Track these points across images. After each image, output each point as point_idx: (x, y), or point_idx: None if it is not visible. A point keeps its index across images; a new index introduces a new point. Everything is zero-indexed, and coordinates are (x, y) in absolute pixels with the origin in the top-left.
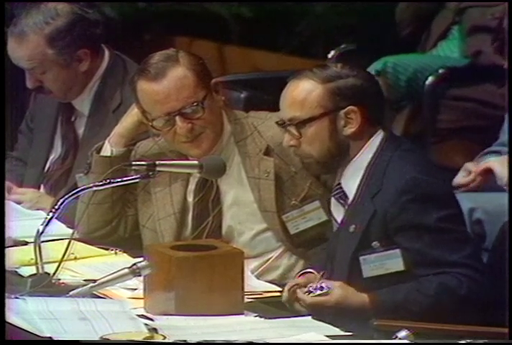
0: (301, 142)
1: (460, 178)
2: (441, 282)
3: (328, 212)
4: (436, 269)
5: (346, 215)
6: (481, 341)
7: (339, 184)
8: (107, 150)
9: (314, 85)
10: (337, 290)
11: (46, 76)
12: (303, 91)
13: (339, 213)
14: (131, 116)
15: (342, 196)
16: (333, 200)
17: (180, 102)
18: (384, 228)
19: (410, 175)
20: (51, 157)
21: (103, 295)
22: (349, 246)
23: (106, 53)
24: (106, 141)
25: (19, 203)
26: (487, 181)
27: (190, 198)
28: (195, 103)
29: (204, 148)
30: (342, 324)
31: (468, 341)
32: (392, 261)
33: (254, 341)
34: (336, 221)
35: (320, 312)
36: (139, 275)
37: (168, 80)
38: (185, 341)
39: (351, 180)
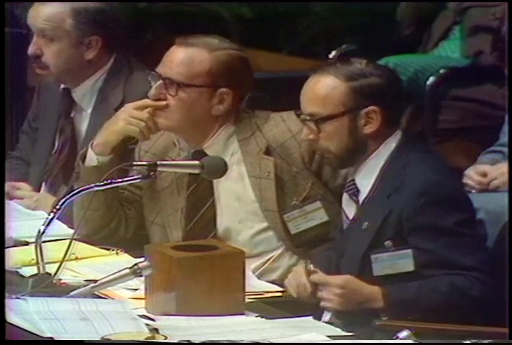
0: (320, 137)
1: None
2: (453, 282)
3: (339, 208)
4: (448, 271)
5: (359, 211)
6: (485, 341)
7: (353, 180)
8: (93, 159)
9: (337, 83)
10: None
11: (50, 46)
12: (326, 87)
13: (350, 209)
14: (115, 133)
15: (355, 192)
16: (345, 196)
17: (173, 71)
18: (398, 228)
19: (430, 176)
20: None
21: (105, 295)
22: (361, 243)
23: (114, 53)
24: (90, 149)
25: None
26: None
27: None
28: (179, 81)
29: (166, 121)
30: (344, 323)
31: (473, 341)
32: (403, 261)
33: (255, 342)
34: (347, 217)
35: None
36: (140, 275)
37: (185, 53)
38: (188, 341)
39: (366, 178)
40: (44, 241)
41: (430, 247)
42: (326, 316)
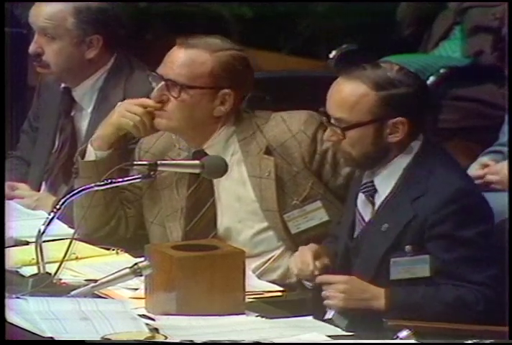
0: (342, 141)
1: (474, 170)
2: (459, 294)
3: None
4: (456, 282)
5: (378, 213)
6: (487, 341)
7: (372, 182)
8: (91, 154)
9: (366, 90)
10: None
11: (51, 45)
12: (355, 95)
13: (366, 211)
14: (110, 125)
15: (372, 194)
16: (361, 197)
17: (174, 73)
18: (420, 234)
19: (457, 184)
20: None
21: (105, 294)
22: (379, 245)
23: (115, 53)
24: (89, 145)
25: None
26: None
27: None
28: (181, 83)
29: (167, 122)
30: (347, 321)
31: (475, 341)
32: (420, 267)
33: (256, 341)
34: (363, 219)
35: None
36: (141, 275)
37: (187, 54)
38: (190, 341)
39: (386, 181)
40: (44, 241)
41: (445, 256)
42: (330, 314)
